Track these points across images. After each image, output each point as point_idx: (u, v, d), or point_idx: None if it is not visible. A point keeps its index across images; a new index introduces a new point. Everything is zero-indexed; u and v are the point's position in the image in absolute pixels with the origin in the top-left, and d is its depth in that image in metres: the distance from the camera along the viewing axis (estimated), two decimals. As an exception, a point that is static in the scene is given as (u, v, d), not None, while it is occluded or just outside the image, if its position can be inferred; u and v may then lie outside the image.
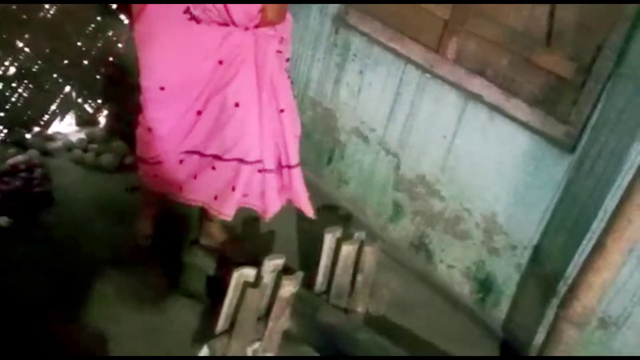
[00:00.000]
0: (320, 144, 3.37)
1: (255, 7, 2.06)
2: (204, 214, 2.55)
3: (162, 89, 2.14)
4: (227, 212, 2.24)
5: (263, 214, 2.32)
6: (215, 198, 2.26)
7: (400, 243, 3.02)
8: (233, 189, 2.21)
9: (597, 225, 2.19)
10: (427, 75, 2.79)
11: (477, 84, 2.59)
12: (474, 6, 2.58)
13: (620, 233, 1.88)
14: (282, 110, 2.25)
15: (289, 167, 2.31)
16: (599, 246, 1.95)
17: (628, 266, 2.13)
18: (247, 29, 2.11)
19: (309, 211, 2.39)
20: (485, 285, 2.72)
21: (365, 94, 3.09)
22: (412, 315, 2.57)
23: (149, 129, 2.22)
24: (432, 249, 2.91)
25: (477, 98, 2.60)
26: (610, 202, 2.14)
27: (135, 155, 2.42)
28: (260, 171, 2.23)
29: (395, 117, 2.95)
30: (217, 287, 2.27)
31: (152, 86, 2.15)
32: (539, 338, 2.35)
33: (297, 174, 2.32)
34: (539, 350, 2.25)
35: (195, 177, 2.28)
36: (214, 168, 2.24)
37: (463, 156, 2.70)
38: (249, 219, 2.71)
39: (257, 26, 2.11)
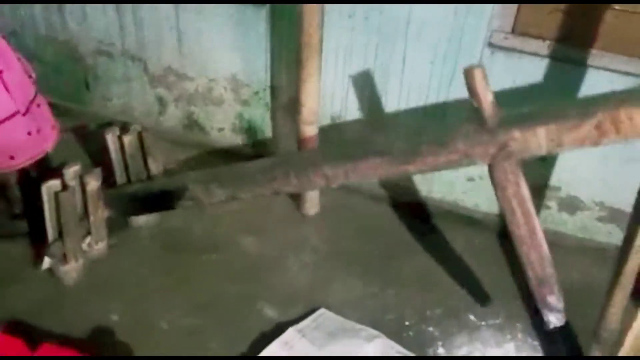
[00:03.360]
0: (73, 74, 3.62)
1: None
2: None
3: None
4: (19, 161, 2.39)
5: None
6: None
7: (176, 128, 3.55)
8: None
9: (300, 51, 2.91)
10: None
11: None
12: None
13: (308, 48, 2.59)
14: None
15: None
16: (299, 62, 2.65)
17: (330, 71, 2.92)
18: None
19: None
20: (251, 132, 3.40)
21: (91, 15, 3.38)
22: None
23: None
24: (201, 122, 3.48)
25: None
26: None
27: None
28: None
29: (124, 26, 3.32)
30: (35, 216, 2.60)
31: None
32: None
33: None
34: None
35: None
36: None
37: (192, 38, 3.21)
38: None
39: None
